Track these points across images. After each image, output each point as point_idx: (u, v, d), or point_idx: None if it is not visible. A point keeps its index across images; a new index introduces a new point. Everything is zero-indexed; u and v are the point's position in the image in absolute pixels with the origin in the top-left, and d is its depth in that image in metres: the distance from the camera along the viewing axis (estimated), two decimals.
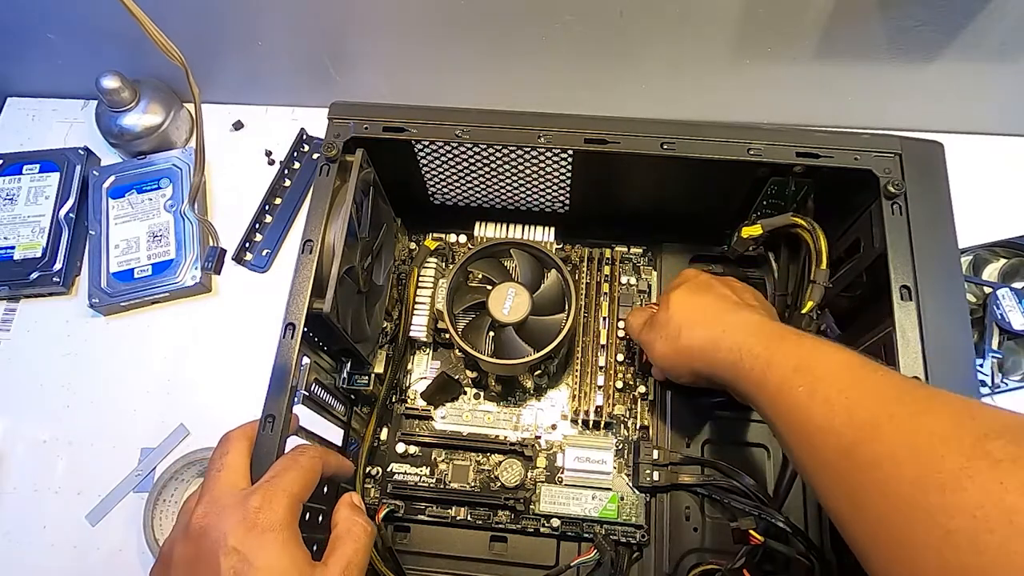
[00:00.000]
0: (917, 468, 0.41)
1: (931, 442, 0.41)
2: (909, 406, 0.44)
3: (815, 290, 0.66)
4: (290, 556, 0.48)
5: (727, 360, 0.57)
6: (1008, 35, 0.81)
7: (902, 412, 0.44)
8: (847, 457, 0.45)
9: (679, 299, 0.65)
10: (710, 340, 0.60)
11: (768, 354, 0.54)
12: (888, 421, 0.44)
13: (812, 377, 0.50)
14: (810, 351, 0.52)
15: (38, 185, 0.98)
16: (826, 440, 0.47)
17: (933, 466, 0.40)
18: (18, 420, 0.89)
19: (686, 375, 0.64)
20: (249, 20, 0.91)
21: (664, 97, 0.96)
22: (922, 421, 0.43)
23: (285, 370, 0.58)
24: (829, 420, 0.47)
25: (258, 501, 0.49)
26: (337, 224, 0.64)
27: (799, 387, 0.50)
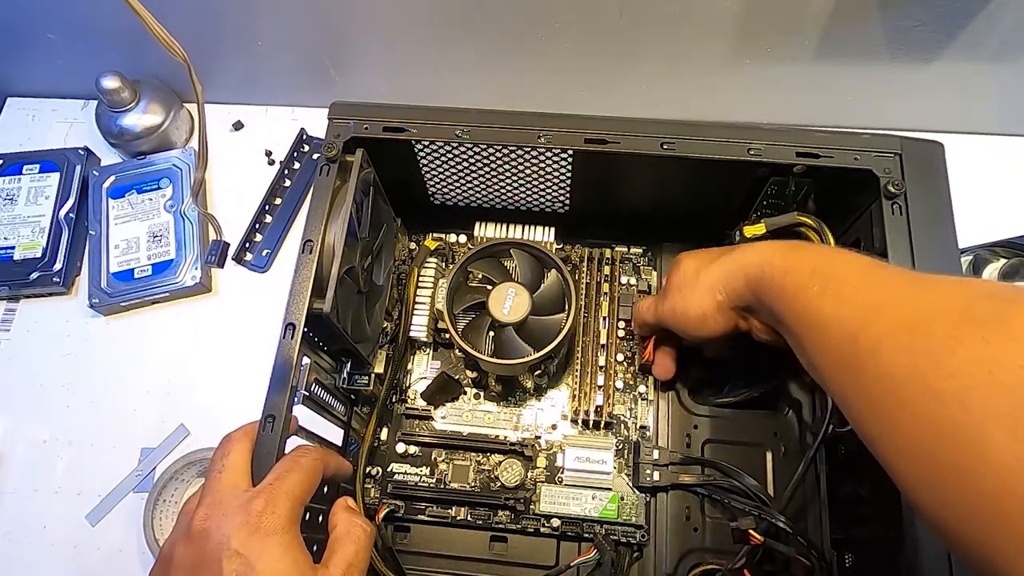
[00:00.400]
0: (911, 340, 0.42)
1: (923, 315, 0.42)
2: (909, 287, 0.46)
3: None
4: (292, 559, 0.48)
5: (751, 276, 0.58)
6: (1008, 35, 0.81)
7: (902, 293, 0.46)
8: (852, 342, 0.46)
9: (687, 257, 0.66)
10: (730, 266, 0.60)
11: (787, 263, 0.55)
12: (889, 303, 0.45)
13: (826, 276, 0.51)
14: (827, 255, 0.54)
15: (38, 185, 0.98)
16: (834, 330, 0.48)
17: (925, 335, 0.41)
18: (18, 420, 0.89)
19: (712, 314, 0.63)
20: (249, 20, 0.91)
21: (664, 97, 0.96)
22: (918, 296, 0.44)
23: (285, 370, 0.58)
24: (838, 311, 0.48)
25: (261, 504, 0.49)
26: (337, 224, 0.64)
27: (814, 287, 0.51)
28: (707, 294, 0.62)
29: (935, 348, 0.40)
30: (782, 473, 0.74)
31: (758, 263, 0.57)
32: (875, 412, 0.44)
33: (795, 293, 0.53)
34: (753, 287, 0.58)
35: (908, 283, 0.47)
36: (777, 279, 0.55)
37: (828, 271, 0.51)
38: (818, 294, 0.50)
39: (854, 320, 0.46)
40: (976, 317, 0.39)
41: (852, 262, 0.51)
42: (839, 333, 0.47)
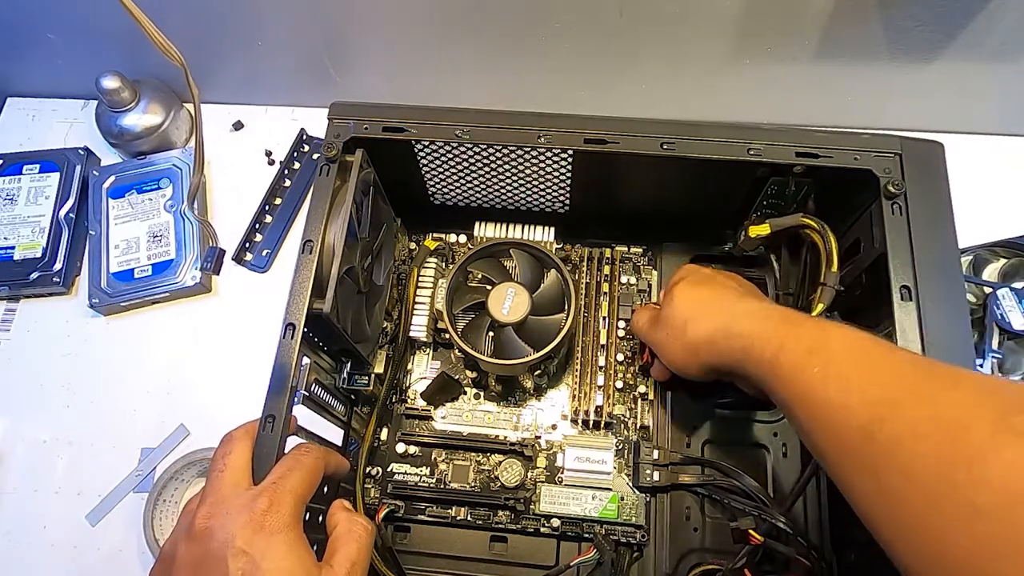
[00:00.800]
0: (941, 444, 0.40)
1: (955, 417, 0.40)
2: (930, 382, 0.44)
3: (825, 292, 0.65)
4: (297, 557, 0.48)
5: (737, 348, 0.56)
6: (1008, 35, 0.81)
7: (923, 388, 0.43)
8: (866, 436, 0.44)
9: (682, 293, 0.65)
10: (718, 329, 0.59)
11: (780, 337, 0.53)
12: (909, 397, 0.43)
13: (826, 357, 0.49)
14: (823, 332, 0.51)
15: (38, 185, 0.98)
16: (844, 419, 0.46)
17: (958, 441, 0.39)
18: (18, 420, 0.89)
19: (695, 369, 0.63)
20: (249, 20, 0.91)
21: (664, 97, 0.96)
22: (944, 396, 0.42)
23: (285, 370, 0.58)
24: (846, 399, 0.46)
25: (265, 503, 0.49)
26: (337, 224, 0.64)
27: (814, 368, 0.49)
28: (690, 354, 0.62)
29: (971, 456, 0.38)
30: (782, 473, 0.74)
31: (745, 335, 0.56)
32: (894, 511, 0.42)
33: (792, 372, 0.51)
34: (740, 360, 0.56)
35: (923, 377, 0.45)
36: (768, 355, 0.53)
37: (828, 350, 0.49)
38: (820, 377, 0.48)
39: (866, 413, 0.44)
40: (1015, 427, 0.38)
41: (850, 340, 0.50)
42: (852, 423, 0.45)
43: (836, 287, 0.65)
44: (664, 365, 0.71)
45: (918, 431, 0.41)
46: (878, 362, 0.47)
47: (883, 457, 0.43)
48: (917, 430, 0.41)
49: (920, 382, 0.44)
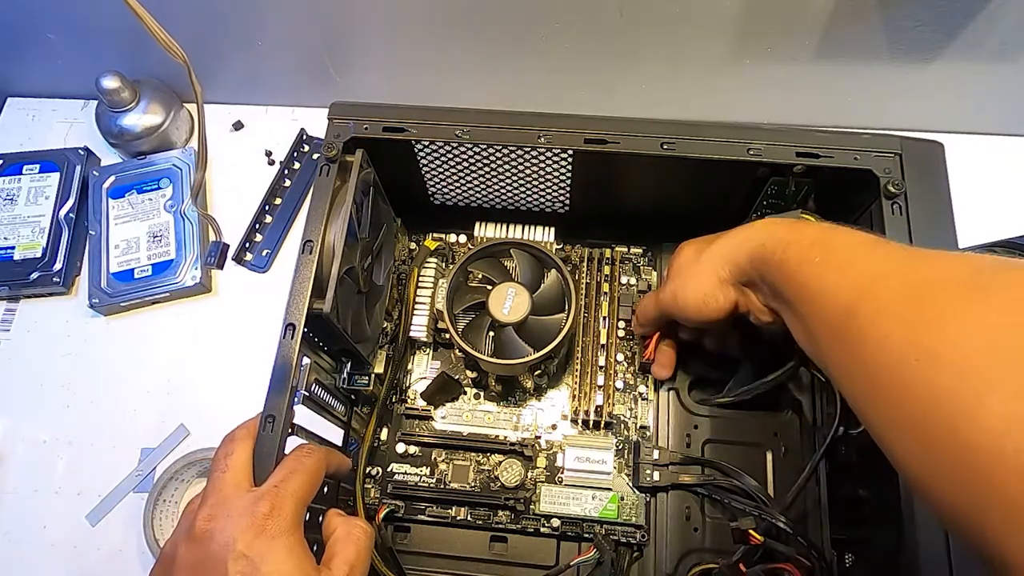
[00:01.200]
0: (912, 310, 0.41)
1: (926, 284, 0.42)
2: (910, 260, 0.45)
3: None
4: (297, 561, 0.48)
5: (753, 249, 0.57)
6: (1008, 35, 0.81)
7: (904, 264, 0.45)
8: (850, 313, 0.45)
9: (688, 243, 0.66)
10: (734, 240, 0.60)
11: (789, 235, 0.54)
12: (890, 273, 0.45)
13: (828, 247, 0.50)
14: (829, 229, 0.53)
15: (38, 185, 0.98)
16: (834, 300, 0.47)
17: (926, 305, 0.40)
18: (18, 420, 0.89)
19: (717, 295, 0.62)
20: (249, 20, 0.91)
21: (664, 97, 0.96)
22: (919, 270, 0.44)
23: (285, 370, 0.58)
24: (839, 281, 0.48)
25: (267, 507, 0.49)
26: (337, 224, 0.64)
27: (815, 257, 0.51)
28: (709, 272, 0.62)
29: (936, 316, 0.39)
30: (782, 473, 0.74)
31: (760, 237, 0.57)
32: (871, 383, 0.43)
33: (797, 265, 0.52)
34: (755, 260, 0.57)
35: (911, 256, 0.46)
36: (779, 252, 0.54)
37: (830, 243, 0.51)
38: (820, 264, 0.50)
39: (855, 290, 0.46)
40: (979, 284, 0.39)
41: (854, 236, 0.51)
42: (839, 304, 0.47)
43: None
44: (668, 352, 0.73)
45: (893, 304, 0.43)
46: (875, 248, 0.49)
47: (861, 330, 0.44)
48: (892, 303, 0.43)
49: (905, 261, 0.46)
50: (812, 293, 0.50)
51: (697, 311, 0.64)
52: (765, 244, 0.56)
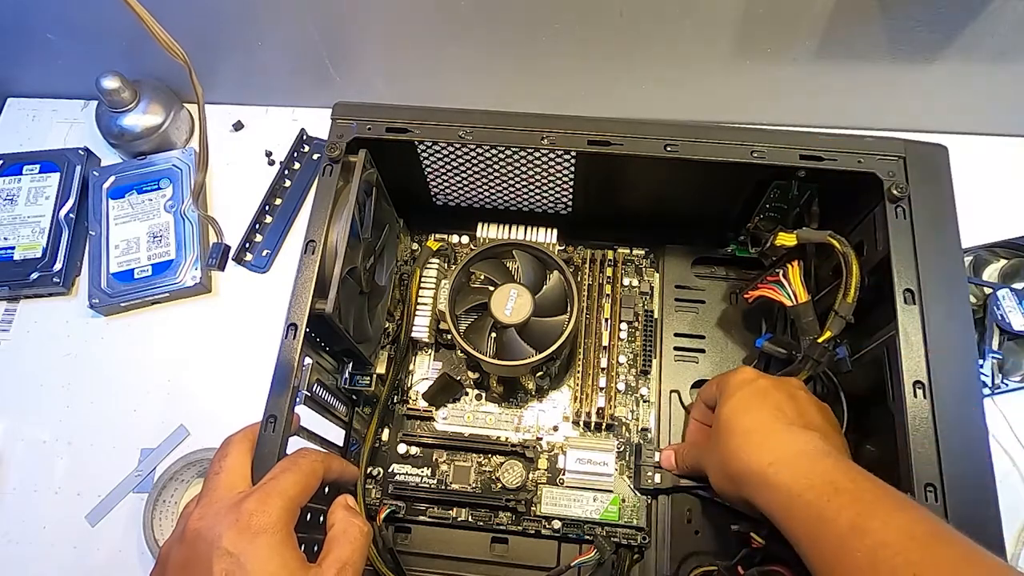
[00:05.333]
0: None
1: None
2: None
3: (836, 322, 0.64)
4: (282, 558, 0.48)
5: (776, 501, 0.53)
6: (1008, 36, 0.81)
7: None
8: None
9: (730, 414, 0.61)
10: (758, 473, 0.55)
11: (821, 505, 0.50)
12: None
13: (873, 542, 0.46)
14: (869, 507, 0.48)
15: (38, 185, 0.97)
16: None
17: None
18: (18, 420, 0.89)
19: (741, 505, 0.60)
20: (249, 20, 0.91)
21: (665, 98, 0.96)
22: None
23: (287, 370, 0.58)
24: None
25: (253, 504, 0.49)
26: (340, 224, 0.64)
27: (857, 552, 0.46)
28: (732, 487, 0.59)
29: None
30: None
31: (785, 489, 0.53)
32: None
33: (836, 548, 0.48)
34: (781, 515, 0.53)
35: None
36: (811, 523, 0.50)
37: (875, 535, 0.46)
38: (866, 562, 0.46)
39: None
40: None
41: (898, 525, 0.46)
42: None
43: (848, 318, 0.63)
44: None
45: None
46: (932, 559, 0.44)
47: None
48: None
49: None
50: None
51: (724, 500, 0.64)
52: (793, 504, 0.52)
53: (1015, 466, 0.79)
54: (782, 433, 0.57)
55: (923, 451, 0.54)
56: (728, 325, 0.81)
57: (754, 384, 0.63)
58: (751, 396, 0.62)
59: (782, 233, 0.70)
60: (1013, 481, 0.79)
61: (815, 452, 0.55)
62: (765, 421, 0.59)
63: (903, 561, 0.44)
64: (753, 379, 0.64)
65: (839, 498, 0.49)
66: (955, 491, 0.52)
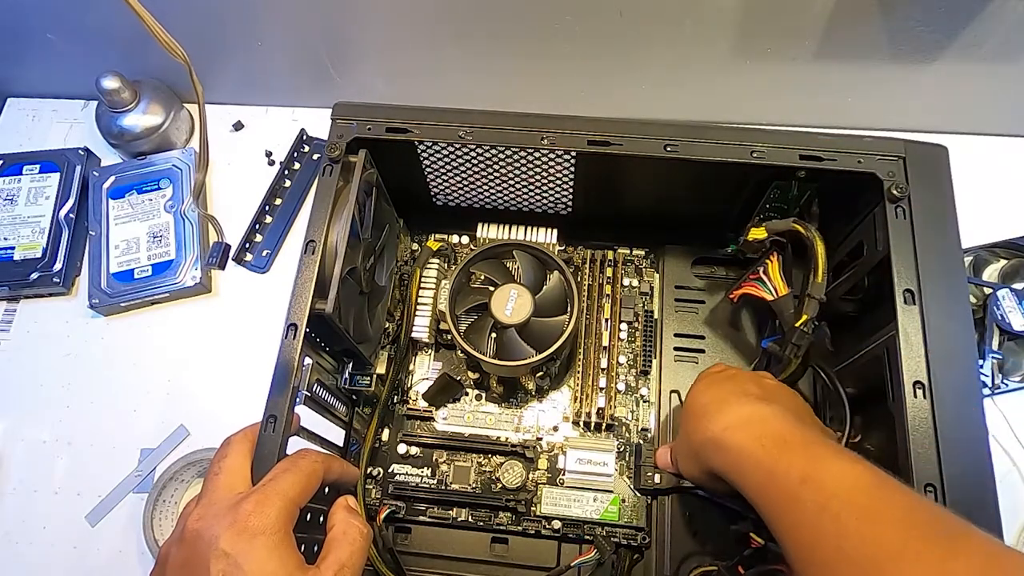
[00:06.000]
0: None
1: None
2: (935, 544, 0.42)
3: (810, 304, 0.64)
4: (279, 559, 0.48)
5: (730, 462, 0.55)
6: (1007, 36, 0.81)
7: (927, 551, 0.42)
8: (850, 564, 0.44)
9: (691, 397, 0.64)
10: (713, 439, 0.57)
11: (771, 461, 0.51)
12: (912, 558, 0.42)
13: (821, 492, 0.47)
14: (818, 461, 0.50)
15: (38, 185, 0.97)
16: (840, 569, 0.45)
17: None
18: (18, 420, 0.89)
19: (697, 474, 0.62)
20: (250, 20, 0.91)
21: (664, 97, 0.96)
22: (946, 566, 0.41)
23: (287, 370, 0.58)
24: (841, 546, 0.45)
25: (251, 505, 0.49)
26: (340, 225, 0.64)
27: (808, 501, 0.48)
28: (692, 459, 0.62)
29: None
30: None
31: (737, 450, 0.55)
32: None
33: (785, 501, 0.50)
34: (734, 476, 0.55)
35: (930, 534, 0.43)
36: (760, 478, 0.52)
37: (824, 486, 0.48)
38: (813, 512, 0.47)
39: (865, 567, 0.43)
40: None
41: (848, 476, 0.48)
42: (841, 568, 0.45)
43: (820, 298, 0.64)
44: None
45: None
46: (879, 507, 0.45)
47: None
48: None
49: (925, 542, 0.43)
50: (808, 546, 0.47)
51: (686, 476, 0.66)
52: (743, 463, 0.54)
53: (1015, 466, 0.79)
54: (739, 403, 0.59)
55: (923, 451, 0.54)
56: (728, 325, 0.81)
57: (721, 372, 0.66)
58: (713, 380, 0.65)
59: (753, 228, 0.71)
60: (1013, 481, 0.79)
61: (770, 416, 0.56)
62: (723, 396, 0.61)
63: (849, 508, 0.45)
64: (721, 369, 0.67)
65: (789, 454, 0.51)
66: (955, 491, 0.52)
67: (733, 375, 0.65)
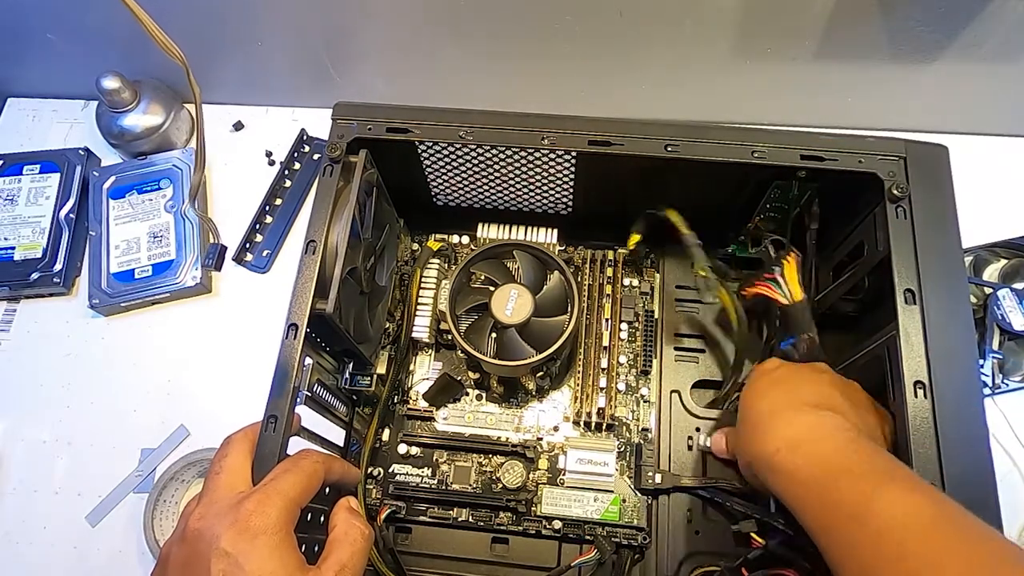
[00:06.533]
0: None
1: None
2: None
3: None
4: (280, 559, 0.48)
5: (783, 487, 0.54)
6: (1007, 36, 0.81)
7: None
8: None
9: (746, 402, 0.62)
10: (766, 460, 0.56)
11: (823, 490, 0.50)
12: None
13: (877, 528, 0.46)
14: (874, 491, 0.48)
15: (38, 186, 0.97)
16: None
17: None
18: (18, 420, 0.89)
19: (754, 481, 0.61)
20: (249, 21, 0.91)
21: (664, 97, 0.96)
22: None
23: (287, 371, 0.58)
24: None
25: (252, 504, 0.49)
26: (340, 225, 0.64)
27: (861, 537, 0.46)
28: (753, 473, 0.60)
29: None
30: None
31: (788, 471, 0.53)
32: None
33: (839, 535, 0.48)
34: (789, 500, 0.53)
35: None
36: (813, 510, 0.51)
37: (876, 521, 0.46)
38: (870, 552, 0.45)
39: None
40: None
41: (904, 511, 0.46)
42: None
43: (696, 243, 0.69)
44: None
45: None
46: (939, 547, 0.44)
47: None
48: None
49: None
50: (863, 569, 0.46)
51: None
52: (795, 488, 0.53)
53: (1015, 466, 0.79)
54: (791, 417, 0.57)
55: (923, 451, 0.54)
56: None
57: (774, 372, 0.64)
58: (768, 383, 0.63)
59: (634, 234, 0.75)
60: (1013, 481, 0.79)
61: (823, 434, 0.54)
62: (775, 407, 0.59)
63: (906, 546, 0.44)
64: (774, 367, 0.64)
65: (842, 481, 0.50)
66: (955, 491, 0.52)
67: (788, 376, 0.63)
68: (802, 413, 0.57)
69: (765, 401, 0.60)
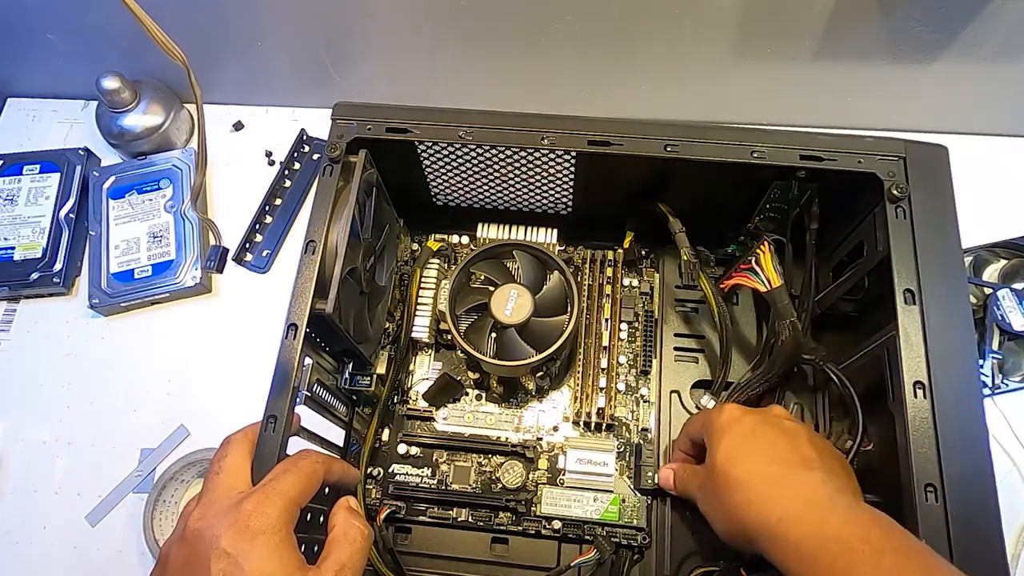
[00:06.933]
0: None
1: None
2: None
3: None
4: (280, 559, 0.48)
5: (790, 560, 0.52)
6: (1007, 36, 0.82)
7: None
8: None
9: (723, 463, 0.59)
10: (766, 528, 0.54)
11: (834, 567, 0.49)
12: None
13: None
14: (884, 571, 0.48)
15: (38, 186, 0.97)
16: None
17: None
18: (18, 420, 0.89)
19: (751, 554, 0.58)
20: (250, 21, 0.91)
21: (664, 97, 0.96)
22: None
23: (287, 371, 0.58)
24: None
25: (252, 504, 0.49)
26: (340, 225, 0.64)
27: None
28: (739, 535, 0.58)
29: None
30: None
31: (788, 540, 0.52)
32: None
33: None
34: (786, 568, 0.53)
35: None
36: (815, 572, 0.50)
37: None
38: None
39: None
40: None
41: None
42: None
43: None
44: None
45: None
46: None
47: None
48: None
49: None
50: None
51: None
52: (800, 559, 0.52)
53: (1015, 466, 0.79)
54: (784, 481, 0.56)
55: (923, 451, 0.54)
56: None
57: (740, 424, 0.61)
58: (740, 441, 0.60)
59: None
60: (1013, 481, 0.79)
61: (823, 501, 0.53)
62: (762, 469, 0.57)
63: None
64: (739, 418, 0.62)
65: (851, 559, 0.49)
66: (955, 491, 0.52)
67: (754, 429, 0.61)
68: (794, 477, 0.56)
69: (749, 463, 0.58)
